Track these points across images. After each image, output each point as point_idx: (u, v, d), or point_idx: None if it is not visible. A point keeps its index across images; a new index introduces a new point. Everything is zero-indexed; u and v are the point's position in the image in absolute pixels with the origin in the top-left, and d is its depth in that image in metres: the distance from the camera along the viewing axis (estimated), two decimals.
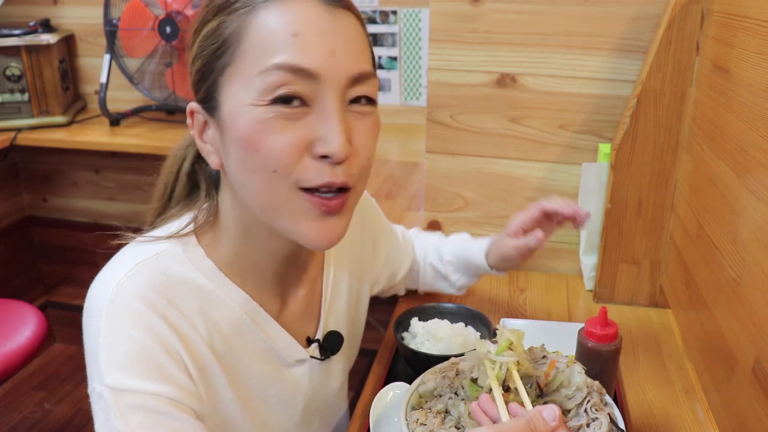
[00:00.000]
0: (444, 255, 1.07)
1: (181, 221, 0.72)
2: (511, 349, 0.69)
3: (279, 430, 0.80)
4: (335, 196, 0.64)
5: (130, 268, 0.66)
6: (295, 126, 0.61)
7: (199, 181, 0.75)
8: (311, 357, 0.81)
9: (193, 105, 0.67)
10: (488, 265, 1.02)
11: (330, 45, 0.61)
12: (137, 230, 0.74)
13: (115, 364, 0.62)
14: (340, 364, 0.88)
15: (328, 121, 0.61)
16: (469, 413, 0.69)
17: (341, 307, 0.87)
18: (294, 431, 0.82)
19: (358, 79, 0.64)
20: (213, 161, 0.67)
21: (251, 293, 0.73)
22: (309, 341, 0.81)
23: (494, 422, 0.63)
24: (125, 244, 0.72)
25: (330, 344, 0.83)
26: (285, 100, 0.60)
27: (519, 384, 0.66)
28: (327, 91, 0.62)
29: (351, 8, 0.65)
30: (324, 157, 0.62)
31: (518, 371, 0.69)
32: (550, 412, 0.59)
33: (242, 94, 0.61)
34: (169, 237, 0.70)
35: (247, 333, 0.73)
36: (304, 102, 0.61)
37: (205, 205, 0.73)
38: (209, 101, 0.65)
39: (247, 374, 0.74)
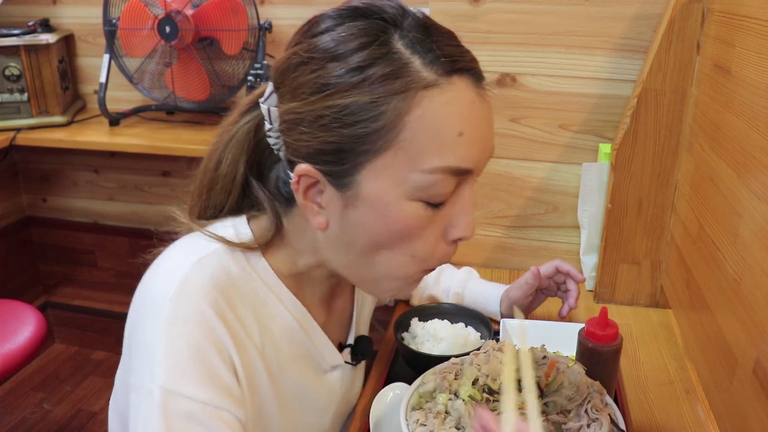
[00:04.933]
0: (452, 287, 1.10)
1: (236, 224, 0.70)
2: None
3: None
4: None
5: (194, 261, 0.64)
6: (437, 217, 0.62)
7: (257, 197, 0.71)
8: (345, 362, 0.81)
9: (308, 169, 0.61)
10: (500, 314, 1.07)
11: (485, 138, 0.62)
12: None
13: (172, 364, 0.59)
14: (362, 369, 0.89)
15: (465, 209, 0.63)
16: (469, 413, 0.69)
17: (366, 315, 0.88)
18: None
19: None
20: (318, 222, 0.64)
21: (302, 301, 0.73)
22: (341, 347, 0.81)
23: None
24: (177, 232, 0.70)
25: (361, 349, 0.83)
26: (440, 202, 0.61)
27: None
28: (469, 181, 0.63)
29: (484, 80, 0.64)
30: (455, 240, 0.64)
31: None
32: None
33: (393, 184, 0.59)
34: (234, 244, 0.67)
35: (294, 339, 0.73)
36: (450, 195, 0.62)
37: (267, 221, 0.70)
38: (341, 176, 0.60)
39: (290, 380, 0.73)
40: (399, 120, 0.57)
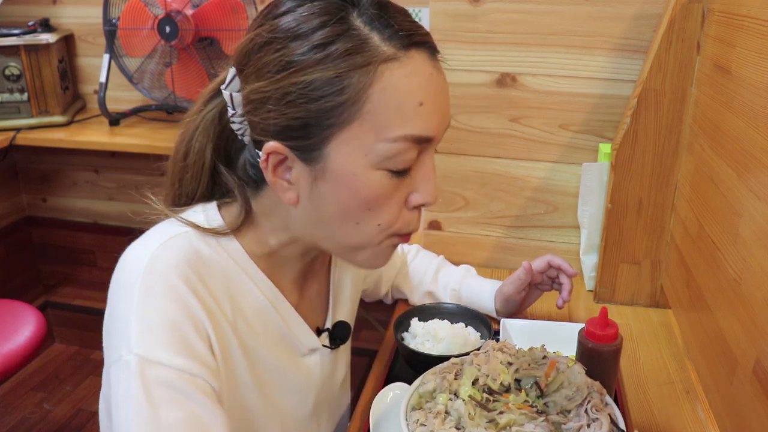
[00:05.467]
0: (449, 284, 1.11)
1: (206, 210, 0.72)
2: None
3: (292, 419, 0.81)
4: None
5: (164, 240, 0.67)
6: (401, 186, 0.65)
7: (226, 183, 0.73)
8: (323, 346, 0.82)
9: (276, 146, 0.63)
10: (495, 310, 1.08)
11: (443, 107, 0.65)
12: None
13: (147, 333, 0.61)
14: (345, 355, 0.90)
15: (427, 176, 0.66)
16: (469, 414, 0.69)
17: (345, 301, 0.89)
18: (306, 422, 0.83)
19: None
20: (289, 198, 0.66)
21: (274, 281, 0.75)
22: (319, 331, 0.82)
23: None
24: (155, 218, 0.72)
25: (339, 333, 0.85)
26: (403, 170, 0.64)
27: None
28: (429, 149, 0.66)
29: (439, 53, 0.66)
30: (417, 206, 0.67)
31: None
32: None
33: (359, 155, 0.62)
34: (204, 229, 0.69)
35: (268, 319, 0.74)
36: (412, 163, 0.65)
37: (237, 208, 0.72)
38: (309, 150, 0.63)
39: (265, 360, 0.75)
40: (362, 93, 0.60)
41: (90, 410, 2.10)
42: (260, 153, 0.65)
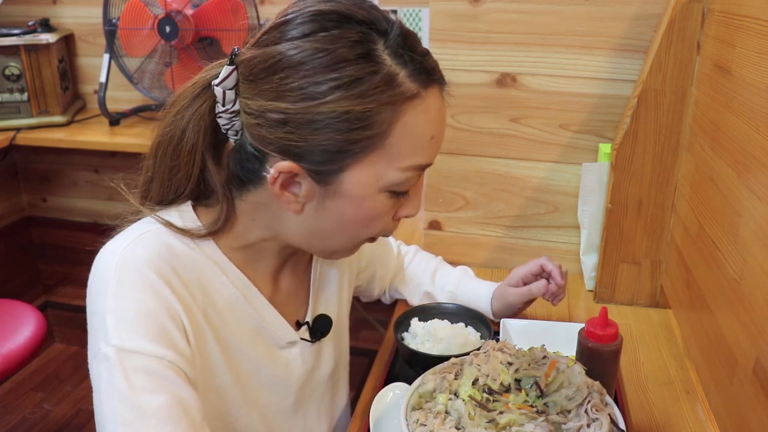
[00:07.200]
0: (446, 286, 1.11)
1: (180, 211, 0.72)
2: None
3: (273, 410, 0.81)
4: None
5: (135, 237, 0.68)
6: (396, 203, 0.71)
7: (212, 186, 0.72)
8: (302, 339, 0.82)
9: (291, 166, 0.65)
10: (492, 312, 1.07)
11: (443, 136, 0.70)
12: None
13: (122, 324, 0.63)
14: (331, 348, 0.89)
15: (417, 193, 0.73)
16: (469, 414, 0.69)
17: (331, 295, 0.89)
18: (288, 414, 0.84)
19: None
20: (293, 209, 0.69)
21: (249, 274, 0.76)
22: (299, 324, 0.83)
23: None
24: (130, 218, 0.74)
25: (319, 327, 0.85)
26: (405, 192, 0.70)
27: None
28: (424, 172, 0.71)
29: (446, 84, 0.71)
30: (401, 217, 0.73)
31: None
32: None
33: (372, 180, 0.66)
34: (181, 231, 0.70)
35: (239, 310, 0.75)
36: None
37: (217, 213, 0.72)
38: (327, 174, 0.65)
39: (239, 351, 0.75)
40: (388, 128, 0.64)
41: (90, 410, 2.09)
42: (269, 169, 0.66)
